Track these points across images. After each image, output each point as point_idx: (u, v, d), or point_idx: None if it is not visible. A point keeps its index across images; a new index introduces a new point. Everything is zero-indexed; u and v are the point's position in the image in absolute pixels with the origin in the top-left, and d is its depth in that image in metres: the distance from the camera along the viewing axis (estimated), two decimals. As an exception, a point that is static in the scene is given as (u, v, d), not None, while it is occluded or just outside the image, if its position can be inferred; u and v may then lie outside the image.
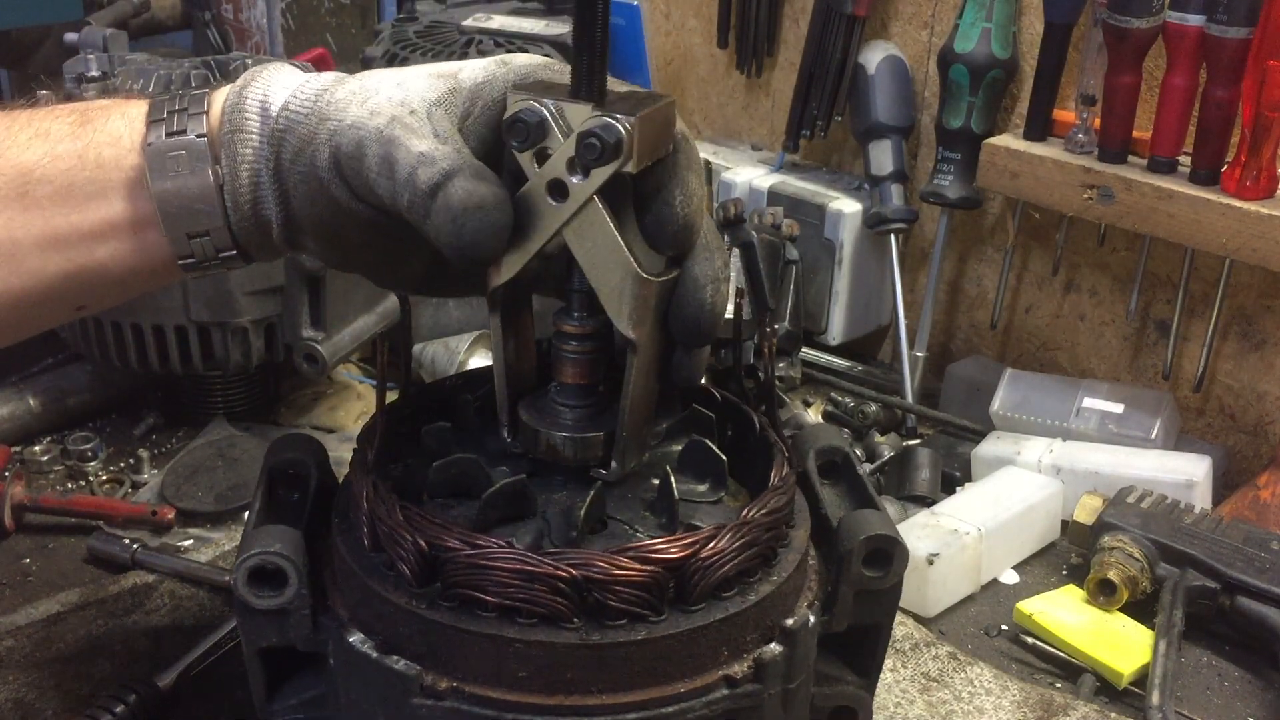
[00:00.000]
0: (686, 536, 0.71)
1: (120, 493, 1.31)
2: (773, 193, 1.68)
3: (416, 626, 0.69)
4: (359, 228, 0.77)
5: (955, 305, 1.71)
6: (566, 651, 0.68)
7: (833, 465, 0.90)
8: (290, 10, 2.21)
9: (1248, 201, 1.30)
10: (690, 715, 0.70)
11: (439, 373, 1.46)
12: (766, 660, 0.72)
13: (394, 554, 0.70)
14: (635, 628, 0.69)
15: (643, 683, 0.69)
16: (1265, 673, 1.12)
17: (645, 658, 0.69)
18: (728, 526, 0.72)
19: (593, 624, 0.68)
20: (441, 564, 0.69)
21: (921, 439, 1.50)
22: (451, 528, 0.70)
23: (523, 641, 0.68)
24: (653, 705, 0.69)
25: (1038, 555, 1.29)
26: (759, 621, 0.73)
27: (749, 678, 0.72)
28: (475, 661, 0.69)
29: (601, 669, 0.68)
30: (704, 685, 0.71)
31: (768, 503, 0.75)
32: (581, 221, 0.72)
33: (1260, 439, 1.45)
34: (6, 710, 0.97)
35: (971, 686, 1.06)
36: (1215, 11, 1.27)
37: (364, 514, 0.73)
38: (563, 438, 0.78)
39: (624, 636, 0.68)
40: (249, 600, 0.72)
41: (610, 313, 0.74)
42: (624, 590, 0.68)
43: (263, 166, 0.76)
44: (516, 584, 0.67)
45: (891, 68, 1.63)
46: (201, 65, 1.33)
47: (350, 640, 0.71)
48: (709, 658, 0.71)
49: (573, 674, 0.68)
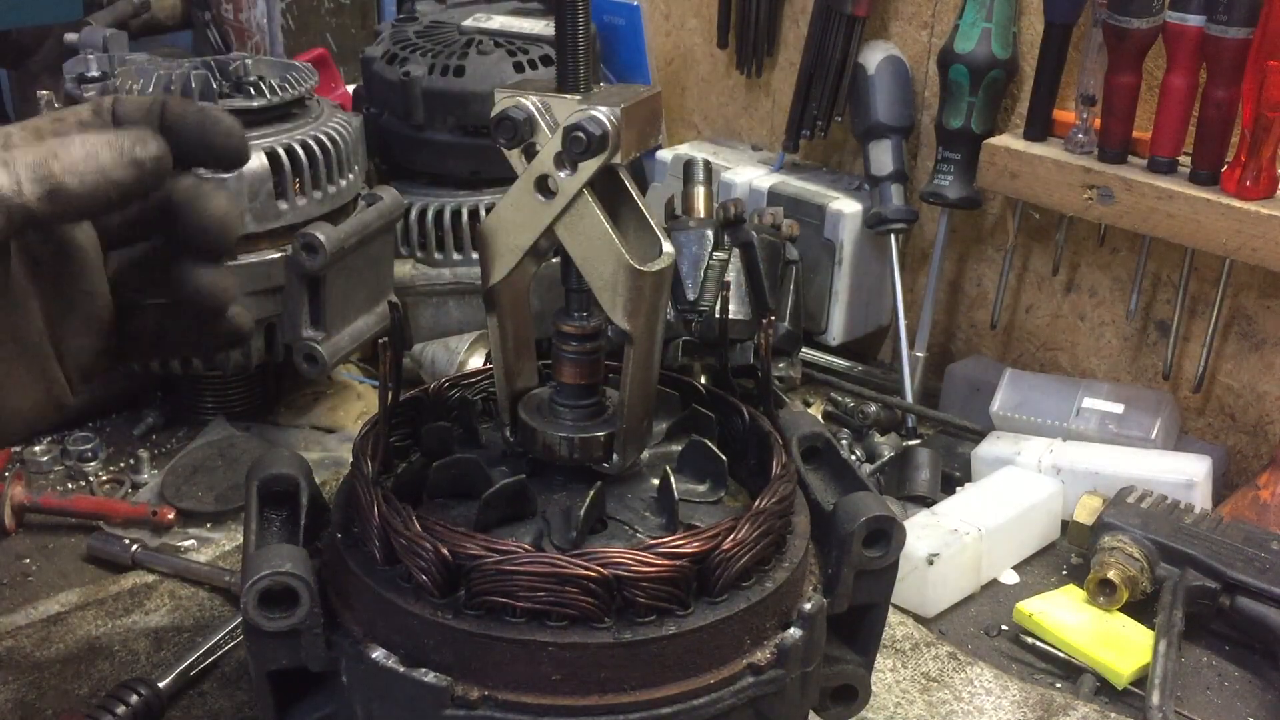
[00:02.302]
0: (707, 530, 0.71)
1: (120, 493, 1.31)
2: (773, 193, 1.68)
3: (443, 637, 0.69)
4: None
5: (955, 305, 1.71)
6: (600, 651, 0.68)
7: (815, 451, 0.90)
8: (290, 10, 2.21)
9: (1248, 201, 1.30)
10: (720, 705, 0.71)
11: (439, 373, 1.46)
12: (788, 645, 0.73)
13: (413, 565, 0.70)
14: (665, 623, 0.69)
15: (674, 677, 0.70)
16: (1265, 673, 1.12)
17: (676, 652, 0.70)
18: (744, 517, 0.72)
19: (623, 622, 0.69)
20: (466, 572, 0.68)
21: (921, 439, 1.50)
22: (474, 535, 0.69)
23: (556, 644, 0.68)
24: (685, 698, 0.70)
25: (1038, 555, 1.29)
26: (776, 608, 0.74)
27: (772, 663, 0.73)
28: (507, 668, 0.68)
29: (634, 666, 0.69)
30: (731, 675, 0.72)
31: (776, 490, 0.75)
32: (572, 216, 0.72)
33: (1260, 439, 1.45)
34: (6, 710, 0.97)
35: (971, 686, 1.06)
36: (1215, 11, 1.27)
37: (375, 527, 0.72)
38: (562, 438, 0.78)
39: (655, 632, 0.69)
40: (260, 623, 0.70)
41: (605, 305, 0.74)
42: (652, 586, 0.68)
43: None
44: (547, 587, 0.67)
45: (891, 68, 1.63)
46: (201, 65, 1.33)
47: (373, 656, 0.70)
48: (733, 647, 0.72)
49: (606, 673, 0.69)
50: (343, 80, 2.01)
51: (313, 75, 1.39)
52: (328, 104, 1.42)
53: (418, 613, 0.69)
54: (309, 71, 1.39)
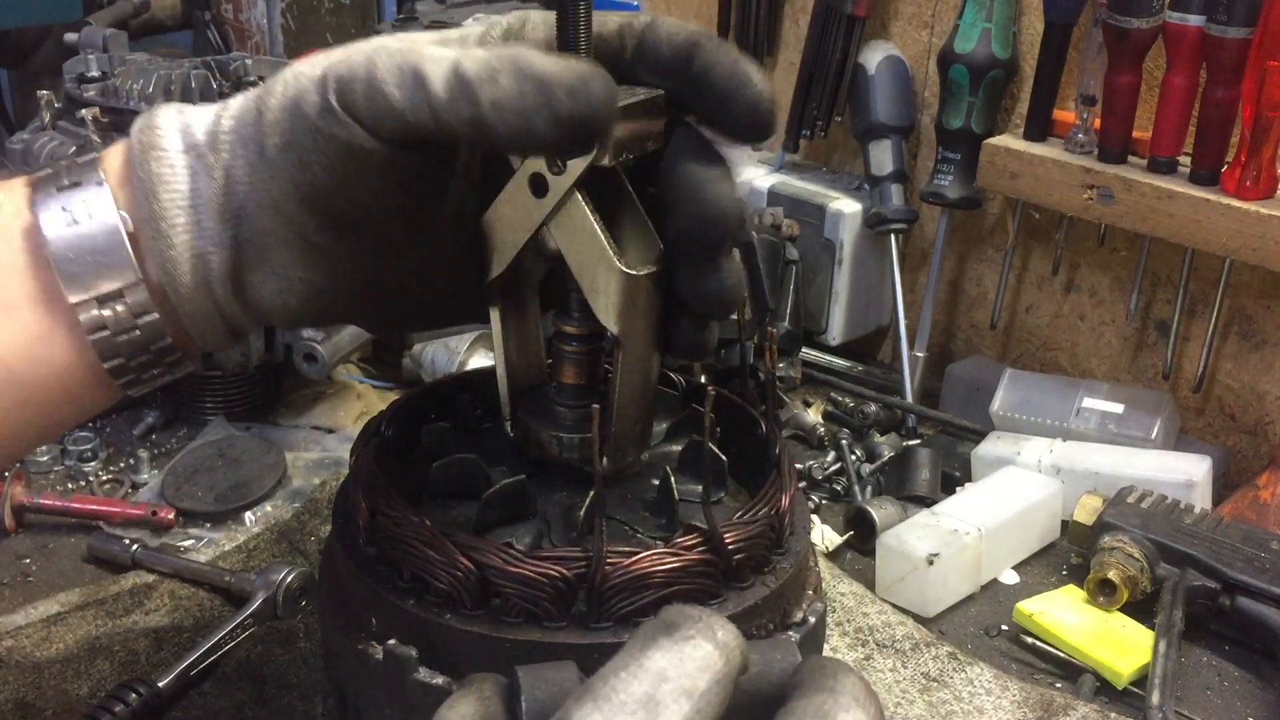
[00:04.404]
0: (756, 508, 0.73)
1: (120, 493, 1.31)
2: (773, 193, 1.68)
3: (472, 645, 0.68)
4: (373, 175, 0.62)
5: (955, 305, 1.71)
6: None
7: None
8: (290, 10, 2.21)
9: (1248, 201, 1.30)
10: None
11: (439, 373, 1.46)
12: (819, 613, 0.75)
13: (435, 578, 0.68)
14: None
15: (780, 626, 0.72)
16: (1265, 673, 1.12)
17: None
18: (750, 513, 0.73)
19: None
20: (492, 581, 0.67)
21: (921, 439, 1.50)
22: (505, 548, 0.68)
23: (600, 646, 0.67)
24: None
25: (1038, 555, 1.29)
26: (777, 608, 0.75)
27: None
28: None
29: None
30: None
31: (777, 490, 0.76)
32: (563, 216, 0.71)
33: (1260, 439, 1.45)
34: (6, 710, 0.97)
35: (971, 686, 1.06)
36: (1215, 11, 1.27)
37: (415, 554, 0.69)
38: (562, 438, 0.78)
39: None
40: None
41: (595, 308, 0.73)
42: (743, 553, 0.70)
43: (192, 184, 0.63)
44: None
45: (891, 68, 1.63)
46: (201, 65, 1.33)
47: (417, 677, 0.68)
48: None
49: None
50: (343, 80, 2.01)
51: (313, 75, 1.38)
52: (328, 104, 1.41)
53: (444, 622, 0.68)
54: (309, 71, 1.39)
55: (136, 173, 0.63)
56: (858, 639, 1.10)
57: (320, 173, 0.61)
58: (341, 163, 0.61)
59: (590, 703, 0.46)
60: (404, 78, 0.58)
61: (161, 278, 0.63)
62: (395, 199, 0.64)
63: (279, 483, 1.30)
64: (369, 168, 0.61)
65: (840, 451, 1.43)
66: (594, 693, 0.46)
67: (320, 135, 0.60)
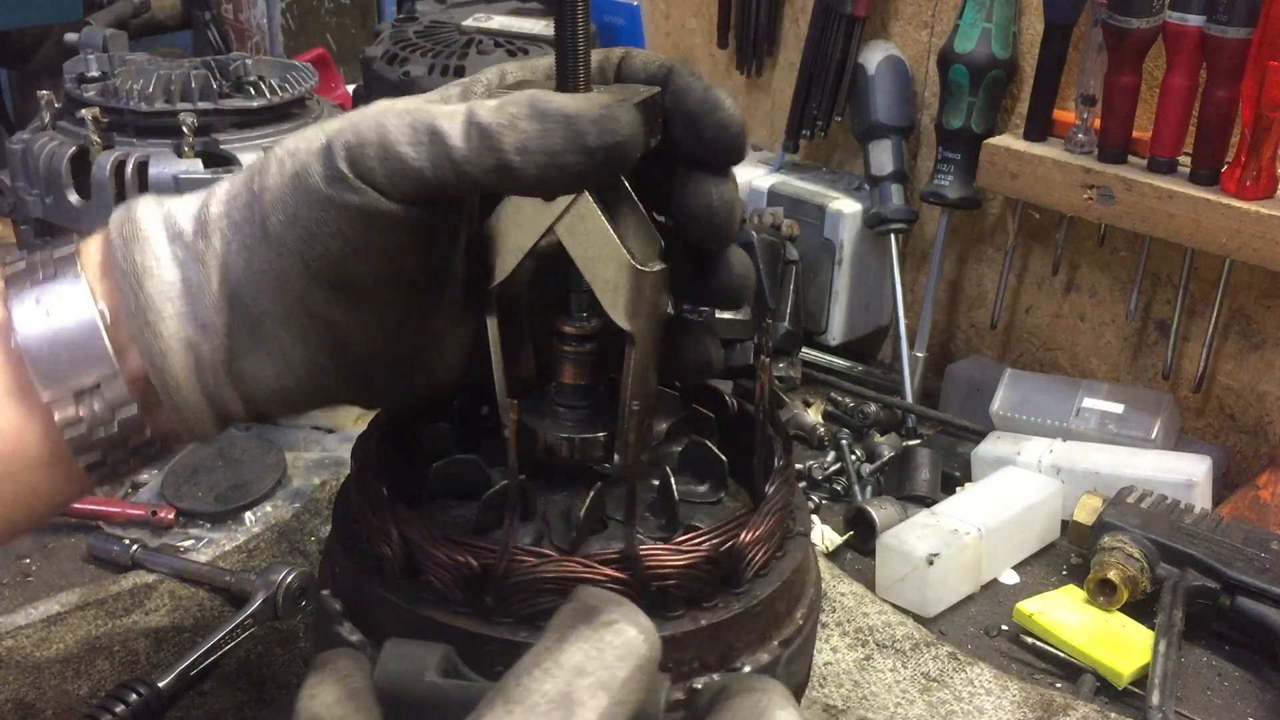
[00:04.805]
0: (722, 524, 0.72)
1: (120, 493, 1.31)
2: (773, 193, 1.68)
3: (472, 644, 0.67)
4: (389, 237, 0.61)
5: (955, 305, 1.71)
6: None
7: None
8: (290, 10, 2.21)
9: (1248, 201, 1.30)
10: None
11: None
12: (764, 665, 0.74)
13: (437, 578, 0.67)
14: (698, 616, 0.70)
15: (715, 666, 0.71)
16: (1265, 673, 1.12)
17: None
18: (756, 511, 0.73)
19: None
20: (495, 581, 0.67)
21: (921, 439, 1.50)
22: (497, 546, 0.68)
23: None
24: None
25: (1038, 555, 1.29)
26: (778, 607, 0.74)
27: (768, 666, 0.73)
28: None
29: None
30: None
31: (780, 489, 0.76)
32: (573, 217, 0.71)
33: (1260, 439, 1.45)
34: (6, 710, 0.97)
35: (971, 686, 1.06)
36: (1215, 11, 1.27)
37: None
38: (562, 438, 0.78)
39: (690, 626, 0.69)
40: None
41: (606, 306, 0.73)
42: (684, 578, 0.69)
43: (181, 273, 0.61)
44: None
45: (891, 68, 1.63)
46: (201, 65, 1.33)
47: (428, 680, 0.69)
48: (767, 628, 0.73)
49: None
50: (343, 80, 2.01)
51: (313, 75, 1.39)
52: (328, 104, 1.42)
53: (445, 621, 0.68)
54: (309, 71, 1.39)
55: (119, 264, 0.61)
56: (858, 639, 1.10)
57: (331, 242, 0.60)
58: (354, 229, 0.60)
59: (501, 704, 0.44)
60: (418, 135, 0.58)
61: (149, 370, 0.62)
62: (409, 259, 0.63)
63: (279, 483, 1.30)
64: (385, 230, 0.60)
65: (840, 451, 1.43)
66: (505, 693, 0.45)
67: (331, 205, 0.59)
